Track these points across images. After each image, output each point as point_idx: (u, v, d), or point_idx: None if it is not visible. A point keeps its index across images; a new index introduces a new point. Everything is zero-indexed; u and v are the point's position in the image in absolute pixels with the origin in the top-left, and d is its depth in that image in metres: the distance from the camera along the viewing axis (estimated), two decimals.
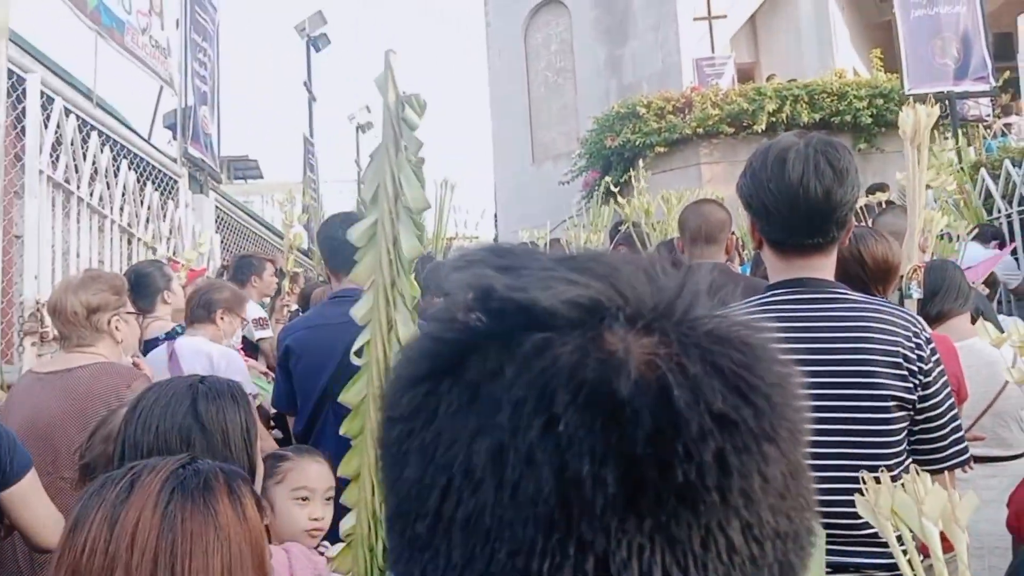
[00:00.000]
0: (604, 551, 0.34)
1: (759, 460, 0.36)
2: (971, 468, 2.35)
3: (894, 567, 1.29)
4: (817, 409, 1.53)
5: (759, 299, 1.78)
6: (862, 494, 1.25)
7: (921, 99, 7.54)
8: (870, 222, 3.47)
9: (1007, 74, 8.54)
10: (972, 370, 2.36)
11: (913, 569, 1.21)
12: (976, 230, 5.14)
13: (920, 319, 1.74)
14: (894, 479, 1.26)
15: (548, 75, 15.11)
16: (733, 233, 3.17)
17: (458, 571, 0.36)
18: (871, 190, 5.93)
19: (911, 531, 1.23)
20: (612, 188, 6.04)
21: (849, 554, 1.64)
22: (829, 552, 1.69)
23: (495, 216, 15.16)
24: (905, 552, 1.23)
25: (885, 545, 1.27)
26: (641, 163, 6.53)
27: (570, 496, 0.34)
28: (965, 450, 1.73)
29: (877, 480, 1.22)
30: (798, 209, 1.69)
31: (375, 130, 12.96)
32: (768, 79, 12.15)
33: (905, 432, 1.68)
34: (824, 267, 1.75)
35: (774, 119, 10.64)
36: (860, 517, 1.26)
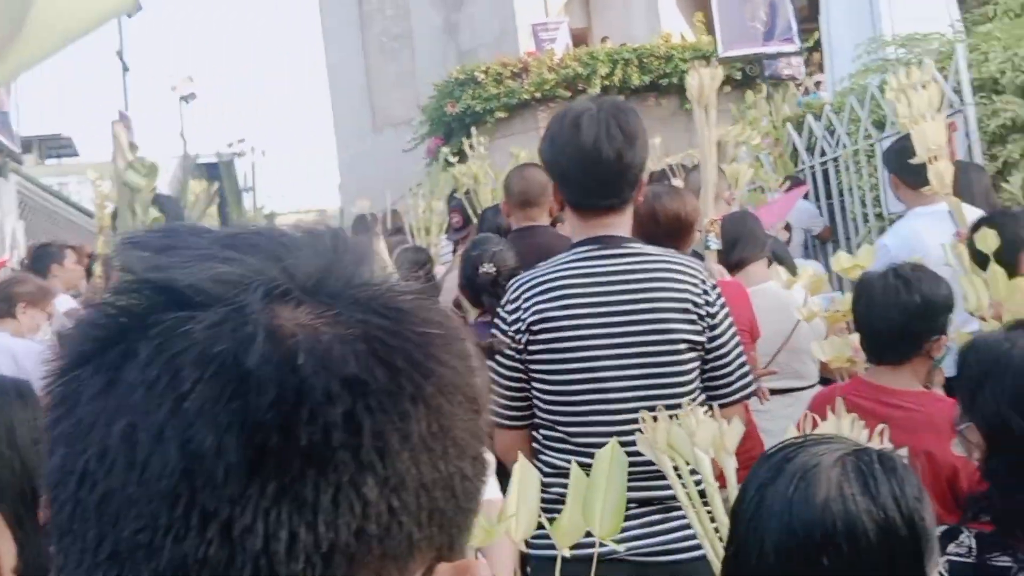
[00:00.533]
0: (228, 518, 0.35)
1: (396, 418, 0.38)
2: (767, 399, 2.58)
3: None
4: (618, 356, 1.63)
5: (563, 257, 1.87)
6: None
7: (734, 61, 8.01)
8: (684, 177, 3.68)
9: (816, 35, 9.19)
10: (767, 312, 2.57)
11: (690, 498, 1.33)
12: (788, 181, 5.57)
13: (705, 268, 1.88)
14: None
15: (384, 40, 14.82)
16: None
17: (91, 553, 0.37)
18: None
19: (701, 462, 1.35)
20: (449, 159, 6.05)
21: (653, 488, 1.76)
22: (637, 488, 1.82)
23: (339, 186, 14.83)
24: (685, 485, 1.34)
25: (694, 473, 1.37)
26: (475, 130, 6.56)
27: (193, 468, 0.35)
28: (750, 383, 1.90)
29: (655, 418, 1.33)
30: (593, 172, 1.78)
31: (198, 101, 12.26)
32: (602, 41, 12.50)
33: (697, 371, 1.82)
34: (620, 225, 1.86)
35: (607, 82, 10.98)
36: None
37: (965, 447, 1.33)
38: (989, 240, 2.15)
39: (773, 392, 2.62)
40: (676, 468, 1.36)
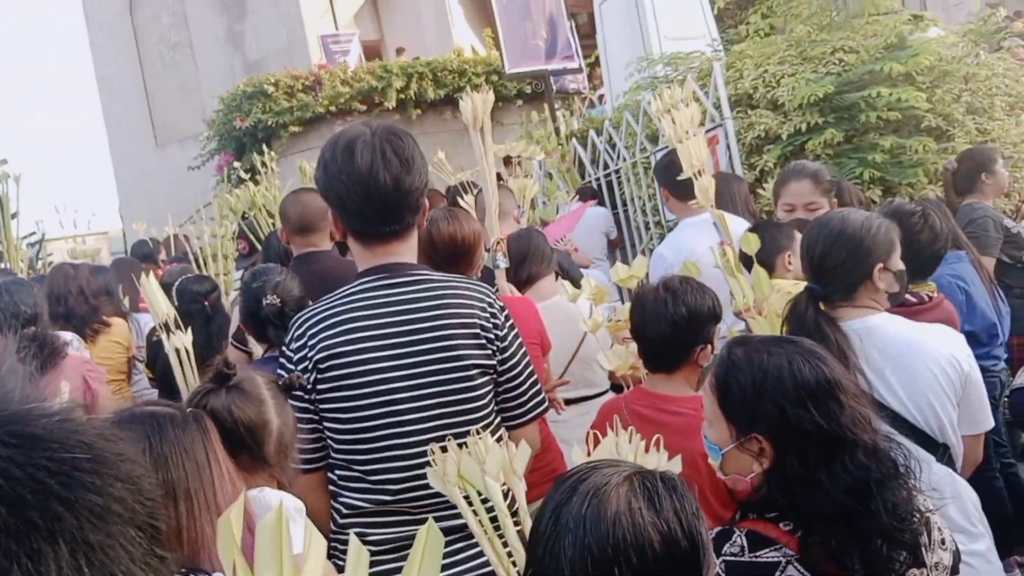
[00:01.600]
0: None
1: (25, 559, 0.34)
2: (563, 409, 2.67)
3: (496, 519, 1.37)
4: (411, 388, 1.57)
5: (347, 289, 1.82)
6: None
7: (521, 77, 8.27)
8: (475, 195, 3.71)
9: (596, 51, 9.69)
10: (557, 324, 2.66)
11: (483, 526, 1.32)
12: (577, 193, 5.83)
13: (491, 290, 1.90)
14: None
15: (163, 51, 13.89)
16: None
17: None
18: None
19: (492, 490, 1.34)
20: (242, 175, 5.72)
21: (455, 517, 1.73)
22: (439, 519, 1.78)
23: (119, 208, 13.70)
24: (477, 513, 1.34)
25: (486, 501, 1.35)
26: (265, 148, 6.26)
27: None
28: (543, 400, 1.93)
29: (444, 449, 1.31)
30: (371, 199, 1.74)
31: None
32: (397, 53, 12.46)
33: (491, 395, 1.83)
34: (404, 251, 1.82)
35: (403, 96, 10.98)
36: None
37: (738, 464, 1.41)
38: (752, 243, 2.35)
39: (568, 402, 2.71)
40: (467, 497, 1.35)
